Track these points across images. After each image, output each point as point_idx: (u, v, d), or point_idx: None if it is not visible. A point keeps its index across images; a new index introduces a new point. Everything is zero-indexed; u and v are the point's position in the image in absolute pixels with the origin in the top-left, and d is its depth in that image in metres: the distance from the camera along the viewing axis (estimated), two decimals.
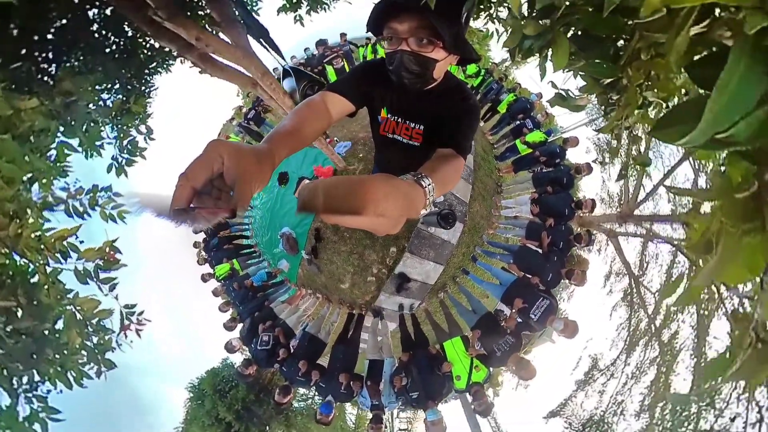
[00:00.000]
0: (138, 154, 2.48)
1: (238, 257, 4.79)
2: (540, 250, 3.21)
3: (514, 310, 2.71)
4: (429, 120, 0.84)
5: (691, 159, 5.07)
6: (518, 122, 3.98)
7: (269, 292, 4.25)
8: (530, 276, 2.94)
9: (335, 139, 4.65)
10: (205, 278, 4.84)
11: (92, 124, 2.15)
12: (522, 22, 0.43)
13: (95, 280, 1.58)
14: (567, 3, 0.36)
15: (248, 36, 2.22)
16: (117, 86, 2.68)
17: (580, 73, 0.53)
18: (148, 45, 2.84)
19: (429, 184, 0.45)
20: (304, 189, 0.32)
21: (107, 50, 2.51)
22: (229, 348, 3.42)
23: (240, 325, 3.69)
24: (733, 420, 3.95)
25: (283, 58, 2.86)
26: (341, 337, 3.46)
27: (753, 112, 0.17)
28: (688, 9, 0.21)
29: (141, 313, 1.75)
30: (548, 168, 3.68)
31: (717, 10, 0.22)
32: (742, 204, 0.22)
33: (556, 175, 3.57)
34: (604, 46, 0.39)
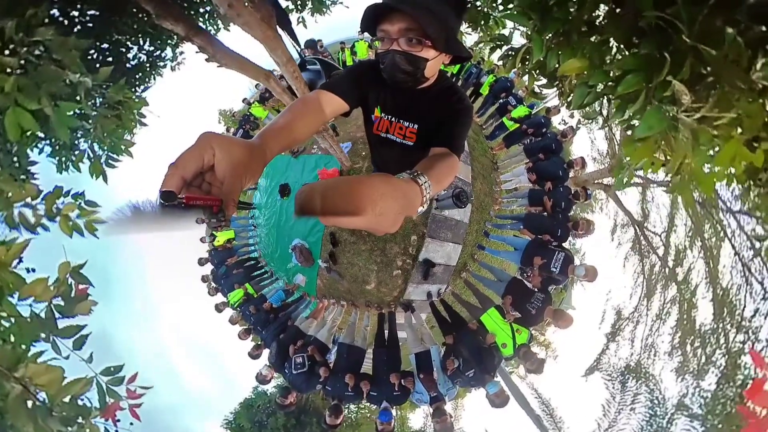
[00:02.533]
0: (124, 150, 1.89)
1: (250, 281, 4.73)
2: (545, 213, 3.59)
3: (535, 268, 3.06)
4: (423, 120, 0.88)
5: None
6: (502, 101, 4.38)
7: (290, 311, 4.20)
8: (542, 236, 3.30)
9: None
10: (219, 308, 4.79)
11: (66, 97, 1.45)
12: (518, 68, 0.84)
13: (50, 333, 1.00)
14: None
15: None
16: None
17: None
18: (133, 51, 2.65)
19: (425, 182, 0.47)
20: (300, 192, 0.32)
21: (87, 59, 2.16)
22: (261, 379, 3.30)
23: (266, 351, 3.57)
24: (753, 316, 4.35)
25: (302, 49, 2.87)
26: (378, 339, 3.49)
27: (592, 92, 0.54)
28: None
29: (133, 377, 1.13)
30: (537, 138, 4.08)
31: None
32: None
33: (545, 143, 3.96)
34: (550, 75, 0.80)
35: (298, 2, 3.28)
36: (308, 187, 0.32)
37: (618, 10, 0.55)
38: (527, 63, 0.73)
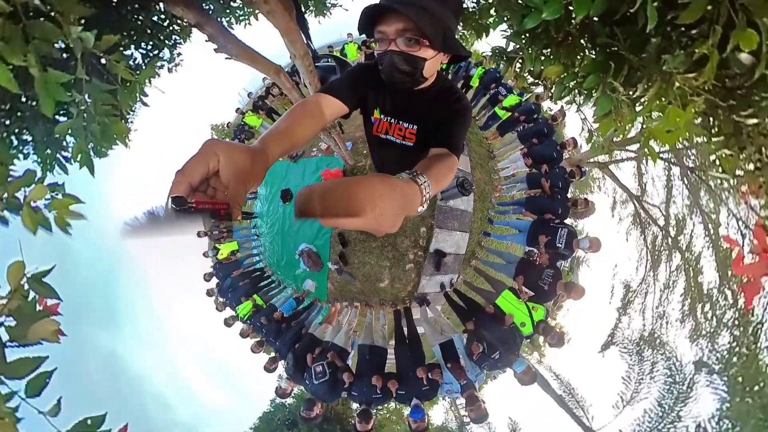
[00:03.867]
0: (117, 137, 1.55)
1: (258, 292, 4.75)
2: (544, 194, 3.84)
3: (542, 247, 3.29)
4: (422, 120, 0.91)
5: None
6: (492, 92, 4.64)
7: (302, 318, 4.21)
8: (543, 215, 3.54)
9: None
10: (228, 323, 4.69)
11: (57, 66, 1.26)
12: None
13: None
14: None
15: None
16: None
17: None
18: (130, 50, 2.60)
19: (425, 182, 0.48)
20: (300, 195, 0.33)
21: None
22: (281, 393, 3.30)
23: (282, 363, 3.55)
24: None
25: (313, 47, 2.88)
26: (398, 337, 3.56)
27: (566, 88, 0.76)
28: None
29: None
30: (529, 124, 4.34)
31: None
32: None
33: (537, 128, 4.22)
34: (536, 75, 1.04)
35: (300, 4, 3.44)
36: (307, 190, 0.33)
37: (587, 21, 0.78)
38: (520, 69, 0.96)
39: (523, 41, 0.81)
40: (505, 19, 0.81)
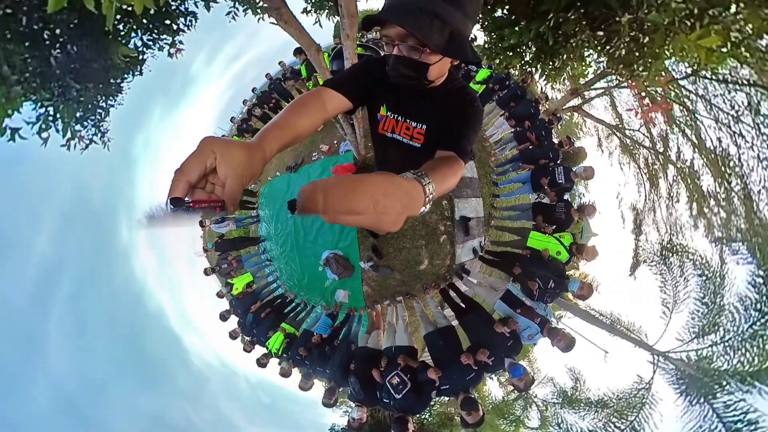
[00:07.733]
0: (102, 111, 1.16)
1: (285, 320, 4.52)
2: (533, 146, 4.66)
3: (546, 188, 4.07)
4: (432, 120, 0.91)
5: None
6: (464, 70, 5.52)
7: (344, 335, 4.01)
8: (539, 162, 4.35)
9: (334, 142, 5.36)
10: (262, 362, 4.18)
11: None
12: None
13: None
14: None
15: None
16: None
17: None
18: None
19: (429, 183, 0.50)
20: (303, 190, 0.34)
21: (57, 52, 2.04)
22: (356, 425, 3.00)
23: (342, 391, 3.38)
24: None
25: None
26: (457, 310, 3.66)
27: (524, 67, 1.57)
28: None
29: None
30: (504, 91, 5.23)
31: None
32: None
33: (512, 92, 5.10)
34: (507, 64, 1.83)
35: (317, 3, 3.79)
36: (311, 185, 0.34)
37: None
38: (498, 63, 1.77)
39: (499, 48, 1.61)
40: (492, 36, 1.60)
